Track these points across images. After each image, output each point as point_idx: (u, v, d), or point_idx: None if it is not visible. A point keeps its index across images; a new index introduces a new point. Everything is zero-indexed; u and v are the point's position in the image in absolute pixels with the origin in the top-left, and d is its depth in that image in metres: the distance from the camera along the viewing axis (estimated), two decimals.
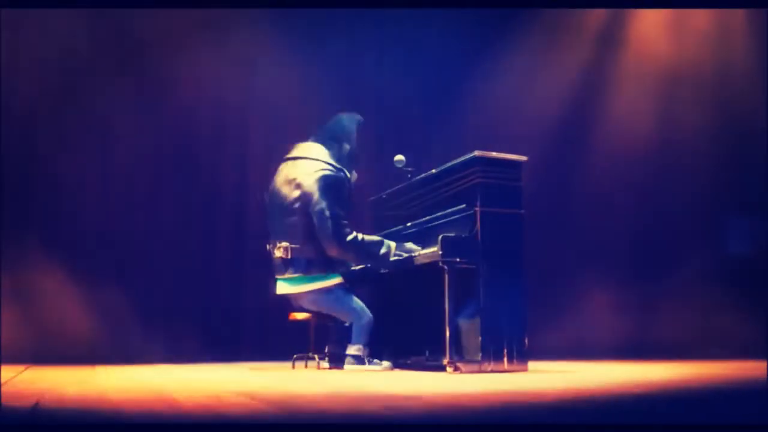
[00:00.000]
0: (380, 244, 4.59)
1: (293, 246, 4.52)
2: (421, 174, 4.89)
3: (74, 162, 5.75)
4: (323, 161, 4.65)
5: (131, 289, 5.88)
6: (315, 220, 4.48)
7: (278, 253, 4.56)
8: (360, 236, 4.54)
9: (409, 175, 4.98)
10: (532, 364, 4.35)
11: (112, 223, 5.89)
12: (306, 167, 4.61)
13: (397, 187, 5.22)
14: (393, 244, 4.64)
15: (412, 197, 5.06)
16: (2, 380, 3.43)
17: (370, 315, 4.55)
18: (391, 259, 4.61)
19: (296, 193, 4.56)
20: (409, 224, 4.92)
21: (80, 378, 3.79)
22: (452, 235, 4.28)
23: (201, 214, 6.19)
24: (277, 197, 4.64)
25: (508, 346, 4.29)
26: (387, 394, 3.00)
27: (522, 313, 4.35)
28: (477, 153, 4.37)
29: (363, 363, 4.45)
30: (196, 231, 6.19)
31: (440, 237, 4.23)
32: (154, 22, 5.80)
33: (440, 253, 4.20)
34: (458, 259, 4.23)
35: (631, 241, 6.25)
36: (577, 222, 6.32)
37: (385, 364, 4.49)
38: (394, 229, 5.05)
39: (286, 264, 4.55)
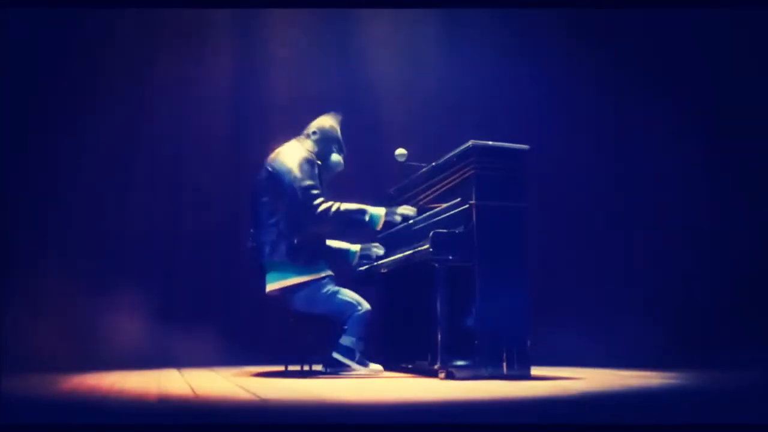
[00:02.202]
0: (361, 211, 4.36)
1: (267, 234, 4.34)
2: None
3: (91, 165, 5.74)
4: (288, 145, 4.54)
5: (150, 293, 5.82)
6: (290, 197, 4.28)
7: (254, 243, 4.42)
8: (336, 205, 4.30)
9: (423, 170, 4.74)
10: (535, 370, 4.02)
11: (130, 227, 5.85)
12: (274, 157, 4.48)
13: (404, 182, 4.99)
14: (382, 211, 4.41)
15: (417, 192, 4.82)
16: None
17: (368, 307, 4.30)
18: (383, 221, 4.37)
19: (265, 177, 4.41)
20: (411, 221, 4.67)
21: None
22: (444, 231, 4.00)
23: (219, 214, 6.08)
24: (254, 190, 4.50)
25: (508, 350, 3.97)
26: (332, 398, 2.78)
27: (524, 315, 4.02)
28: (472, 142, 4.09)
29: (354, 357, 4.21)
30: (215, 235, 6.09)
31: (431, 233, 3.97)
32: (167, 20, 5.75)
33: (430, 250, 3.94)
34: (451, 257, 3.96)
35: (642, 237, 5.81)
36: (587, 217, 5.92)
37: (375, 366, 4.25)
38: (400, 226, 4.80)
39: (265, 252, 4.35)
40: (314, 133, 4.58)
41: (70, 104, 5.70)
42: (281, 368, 4.57)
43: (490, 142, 4.10)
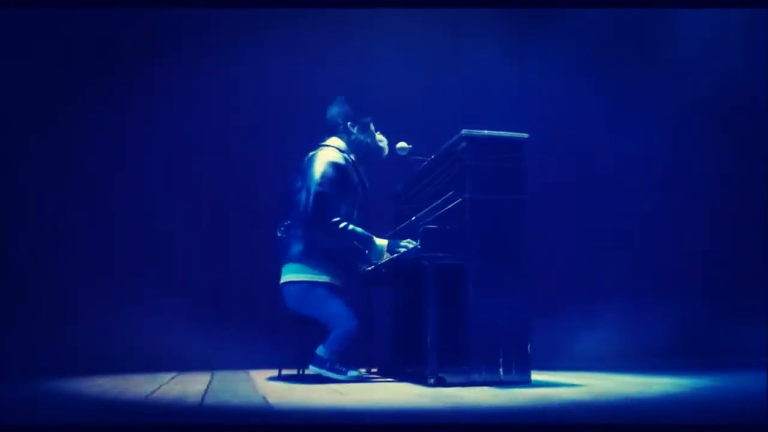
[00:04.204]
0: (367, 240, 4.14)
1: (292, 228, 4.23)
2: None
3: (108, 164, 5.71)
4: (331, 146, 4.34)
5: (170, 295, 5.76)
6: (304, 197, 4.15)
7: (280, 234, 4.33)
8: (344, 223, 4.11)
9: (424, 164, 4.51)
10: (536, 375, 3.73)
11: (149, 226, 5.79)
12: (308, 159, 4.31)
13: (409, 178, 4.77)
14: (385, 243, 4.16)
15: (421, 187, 4.59)
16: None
17: (355, 324, 4.08)
18: (383, 259, 4.15)
19: (300, 177, 4.27)
20: (413, 218, 4.44)
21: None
22: (433, 227, 3.75)
23: (240, 217, 5.97)
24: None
25: (505, 353, 3.69)
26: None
27: (523, 315, 3.73)
28: (465, 132, 3.83)
29: (324, 367, 4.01)
30: (234, 236, 5.98)
31: (420, 230, 3.73)
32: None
33: (419, 247, 3.70)
34: (441, 255, 3.70)
35: (651, 232, 5.42)
36: (592, 211, 5.55)
37: (352, 373, 4.03)
38: (405, 224, 4.58)
39: (285, 248, 4.24)
40: (351, 124, 4.40)
41: (87, 106, 5.67)
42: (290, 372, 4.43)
43: (485, 132, 3.84)
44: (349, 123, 4.41)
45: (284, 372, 4.52)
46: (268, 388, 3.56)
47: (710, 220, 5.48)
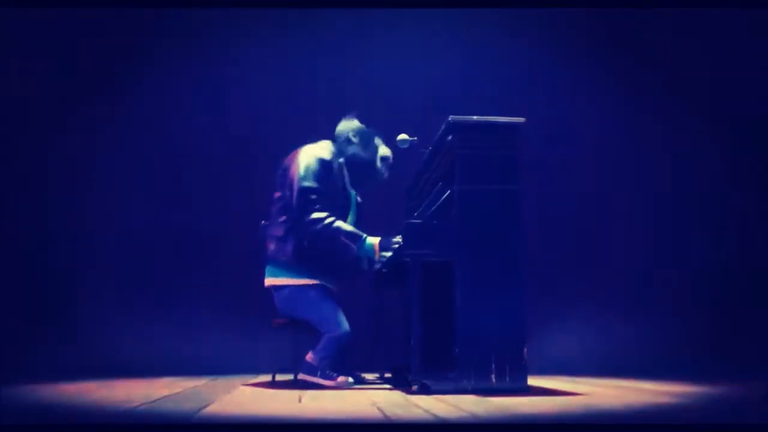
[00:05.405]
0: (354, 237, 3.87)
1: (275, 230, 4.03)
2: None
3: (110, 164, 5.69)
4: (319, 144, 4.12)
5: (195, 301, 5.69)
6: (287, 194, 3.96)
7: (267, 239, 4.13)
8: (331, 218, 3.86)
9: (425, 156, 4.24)
10: (533, 380, 3.41)
11: (160, 229, 5.73)
12: (293, 154, 4.12)
13: (414, 172, 4.51)
14: (376, 241, 3.89)
15: (423, 182, 4.33)
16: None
17: (347, 329, 3.87)
18: (378, 257, 3.90)
19: (280, 173, 4.09)
20: (416, 214, 4.19)
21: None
22: (417, 222, 3.49)
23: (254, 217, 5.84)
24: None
25: (499, 357, 3.38)
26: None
27: (519, 316, 3.41)
28: (452, 118, 3.54)
29: (315, 373, 3.81)
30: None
31: (405, 224, 3.47)
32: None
33: (402, 244, 3.44)
34: (426, 251, 3.42)
35: (654, 226, 4.96)
36: (592, 207, 5.14)
37: (341, 379, 3.79)
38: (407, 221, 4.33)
39: (270, 249, 4.04)
40: (354, 134, 4.15)
41: (83, 105, 5.66)
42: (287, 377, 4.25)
43: (474, 117, 3.54)
44: (351, 133, 4.16)
45: (281, 377, 4.34)
46: (238, 394, 3.37)
47: (713, 223, 5.04)
